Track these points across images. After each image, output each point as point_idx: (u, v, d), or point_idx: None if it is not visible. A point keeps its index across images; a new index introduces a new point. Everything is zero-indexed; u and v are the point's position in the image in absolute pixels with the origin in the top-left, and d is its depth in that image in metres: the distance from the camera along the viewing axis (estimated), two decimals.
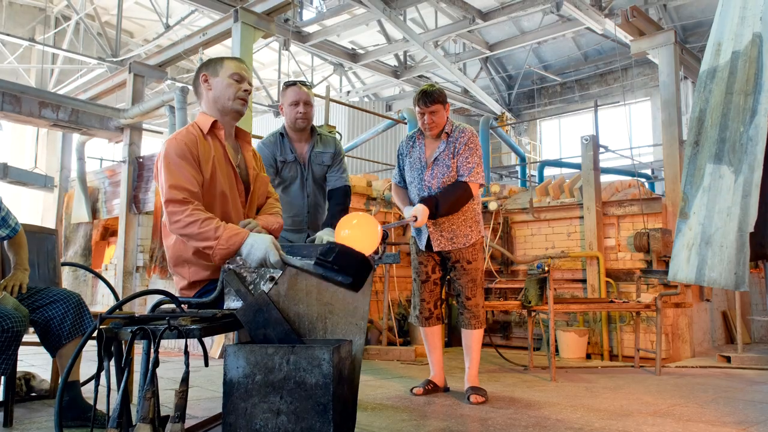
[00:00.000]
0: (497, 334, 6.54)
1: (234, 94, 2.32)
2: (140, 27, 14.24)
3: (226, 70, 2.34)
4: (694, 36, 12.69)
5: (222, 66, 2.35)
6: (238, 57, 2.47)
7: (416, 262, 3.65)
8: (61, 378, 1.80)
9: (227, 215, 2.24)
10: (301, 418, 1.66)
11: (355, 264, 1.88)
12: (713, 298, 6.38)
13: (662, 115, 6.22)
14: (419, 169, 3.54)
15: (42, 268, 3.30)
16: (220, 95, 2.32)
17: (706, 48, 2.42)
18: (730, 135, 2.11)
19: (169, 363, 4.11)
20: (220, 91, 2.33)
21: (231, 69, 2.34)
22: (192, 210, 2.05)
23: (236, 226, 2.08)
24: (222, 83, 2.32)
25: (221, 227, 2.02)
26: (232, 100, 2.32)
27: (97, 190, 7.79)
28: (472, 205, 3.55)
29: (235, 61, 2.38)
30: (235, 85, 2.32)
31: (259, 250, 1.96)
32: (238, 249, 1.99)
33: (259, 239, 1.99)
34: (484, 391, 3.37)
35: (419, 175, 3.53)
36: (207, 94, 2.35)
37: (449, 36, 11.50)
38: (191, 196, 2.08)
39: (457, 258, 3.51)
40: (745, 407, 3.27)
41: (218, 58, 2.39)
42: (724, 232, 2.05)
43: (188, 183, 2.10)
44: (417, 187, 3.54)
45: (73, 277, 7.80)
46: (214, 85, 2.33)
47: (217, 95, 2.33)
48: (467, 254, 3.51)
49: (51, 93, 7.66)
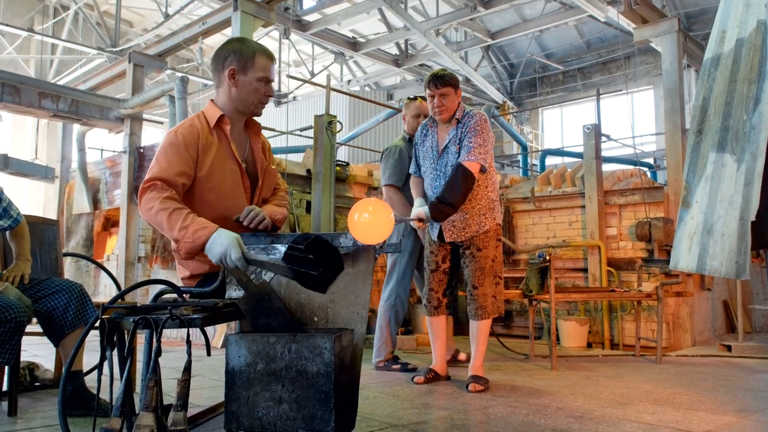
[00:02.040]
0: (498, 323, 6.56)
1: (259, 99, 2.25)
2: (139, 16, 14.18)
3: (256, 70, 2.21)
4: (698, 24, 12.62)
5: (253, 64, 2.21)
6: (267, 50, 2.28)
7: (428, 251, 3.62)
8: (65, 368, 1.81)
9: (229, 210, 2.19)
10: (303, 406, 1.66)
11: (329, 258, 1.76)
12: (714, 287, 6.39)
13: (665, 104, 6.20)
14: (432, 158, 3.49)
15: (44, 258, 3.31)
16: (245, 97, 2.24)
17: (710, 36, 2.40)
18: (734, 123, 2.09)
19: (171, 352, 4.13)
20: (246, 93, 2.24)
21: (261, 71, 2.22)
22: (167, 198, 2.00)
23: (206, 221, 1.98)
24: (250, 86, 2.22)
25: (189, 219, 1.96)
26: (256, 104, 2.26)
27: (98, 181, 7.79)
28: (485, 193, 3.46)
29: (266, 57, 2.24)
30: (263, 89, 2.24)
31: (220, 245, 1.87)
32: (203, 243, 1.92)
33: (223, 235, 1.90)
34: (486, 380, 3.37)
35: (432, 164, 3.49)
36: (230, 90, 2.24)
37: (450, 24, 11.44)
38: (169, 186, 2.04)
39: (468, 245, 3.46)
40: (744, 396, 3.28)
41: (250, 51, 2.22)
42: (726, 221, 2.05)
43: (171, 174, 2.05)
44: (431, 176, 3.50)
45: (75, 267, 7.83)
46: (240, 83, 2.22)
47: (242, 96, 2.24)
48: (478, 241, 3.43)
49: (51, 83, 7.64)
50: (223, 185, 2.20)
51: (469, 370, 3.49)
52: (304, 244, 1.70)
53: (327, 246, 1.75)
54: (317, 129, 6.00)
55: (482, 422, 2.61)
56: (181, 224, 1.95)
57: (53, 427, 2.41)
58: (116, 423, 1.64)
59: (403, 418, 2.65)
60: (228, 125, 2.25)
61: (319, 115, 6.05)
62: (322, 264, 1.72)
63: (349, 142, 9.40)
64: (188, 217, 1.97)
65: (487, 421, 2.62)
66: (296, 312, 1.94)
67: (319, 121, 6.00)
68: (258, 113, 2.32)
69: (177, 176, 2.08)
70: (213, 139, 2.21)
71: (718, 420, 2.68)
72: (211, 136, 2.21)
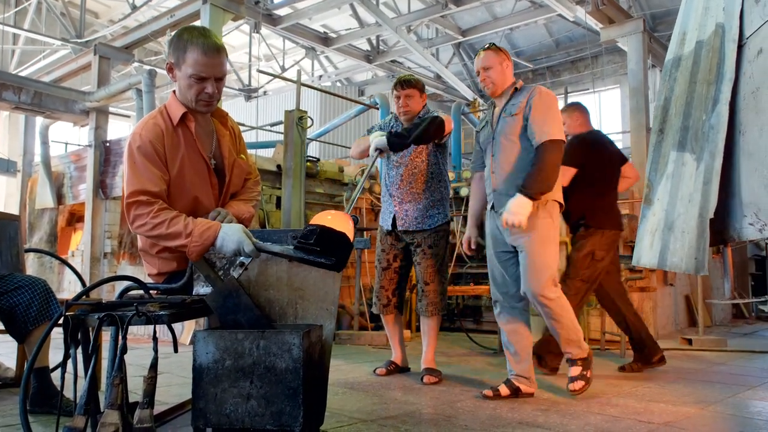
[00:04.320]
0: (468, 319, 6.62)
1: (195, 96, 2.09)
2: (105, 7, 13.84)
3: (187, 65, 2.04)
4: (662, 24, 12.87)
5: (184, 59, 2.04)
6: (207, 40, 2.04)
7: (379, 249, 3.75)
8: (27, 364, 1.77)
9: (198, 210, 2.15)
10: (272, 402, 1.66)
11: (337, 243, 1.85)
12: (676, 283, 6.56)
13: (630, 103, 6.34)
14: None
15: (5, 255, 3.22)
16: (184, 93, 2.12)
17: (671, 37, 2.46)
18: (693, 123, 2.15)
19: (138, 350, 4.07)
20: (182, 87, 2.11)
21: (191, 66, 2.03)
22: (157, 211, 1.97)
23: (206, 220, 2.01)
24: (183, 81, 2.08)
25: (190, 223, 1.96)
26: (194, 101, 2.11)
27: (62, 175, 7.61)
28: (440, 187, 3.65)
29: (199, 52, 2.02)
30: (196, 86, 2.07)
31: (232, 241, 1.92)
32: (212, 243, 1.94)
33: (231, 230, 1.93)
34: (438, 372, 3.53)
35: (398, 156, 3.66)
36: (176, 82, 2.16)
37: (422, 21, 11.46)
38: (155, 197, 2.01)
39: (419, 242, 3.59)
40: (704, 387, 3.39)
41: (183, 42, 2.05)
42: (686, 218, 2.11)
43: (152, 184, 2.01)
44: (388, 165, 3.69)
45: (39, 263, 7.64)
46: (177, 77, 2.11)
47: (182, 91, 2.13)
48: (429, 239, 3.59)
49: (12, 75, 7.44)
50: (192, 186, 2.14)
51: (422, 363, 3.62)
52: (313, 239, 1.79)
53: (333, 233, 1.83)
54: (288, 124, 5.96)
55: (450, 416, 2.64)
56: (184, 231, 1.94)
57: (15, 426, 2.37)
58: (80, 421, 1.61)
59: (372, 413, 2.66)
60: (192, 122, 2.16)
61: (289, 111, 6.01)
62: (334, 251, 1.82)
63: (319, 137, 9.34)
64: (187, 223, 1.96)
65: (455, 415, 2.65)
66: (265, 308, 1.93)
67: (289, 117, 5.96)
68: (202, 111, 2.17)
69: (157, 184, 2.03)
70: (177, 137, 2.13)
71: (678, 411, 2.77)
72: (175, 134, 2.13)
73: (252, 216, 2.35)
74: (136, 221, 2.00)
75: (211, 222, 2.00)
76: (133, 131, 2.11)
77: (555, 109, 3.04)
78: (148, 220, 1.97)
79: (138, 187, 2.00)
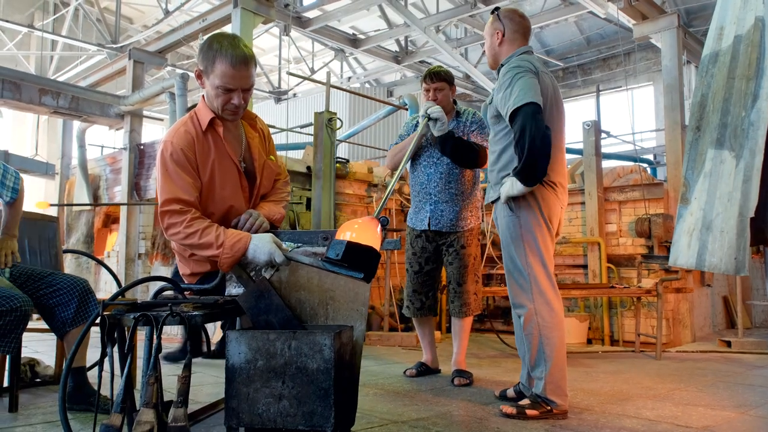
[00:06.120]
0: (498, 320, 6.57)
1: (221, 106, 2.13)
2: (139, 13, 14.14)
3: (214, 77, 2.08)
4: (698, 20, 12.58)
5: (213, 69, 2.07)
6: (235, 51, 2.05)
7: (410, 252, 3.70)
8: (65, 364, 1.82)
9: (230, 213, 2.19)
10: (303, 402, 1.67)
11: (364, 258, 1.89)
12: (714, 284, 6.39)
13: (665, 100, 6.19)
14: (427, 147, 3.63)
15: (44, 255, 3.31)
16: (211, 100, 2.16)
17: (708, 32, 2.40)
18: (732, 120, 2.09)
19: (171, 349, 4.14)
20: (210, 96, 2.16)
21: (218, 79, 2.06)
22: (190, 220, 2.01)
23: (237, 231, 2.04)
24: (211, 90, 2.12)
25: (221, 234, 1.99)
26: (221, 110, 2.15)
27: (99, 177, 7.79)
28: (475, 190, 3.64)
29: (227, 63, 2.04)
30: (223, 96, 2.10)
31: (263, 252, 1.95)
32: (243, 254, 1.98)
33: (262, 241, 1.96)
34: (470, 374, 3.48)
35: (427, 153, 3.62)
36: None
37: (450, 21, 11.39)
38: (188, 206, 2.04)
39: (452, 242, 3.56)
40: (744, 391, 3.29)
41: (213, 53, 2.06)
42: (725, 217, 2.05)
43: (184, 192, 2.05)
44: (424, 164, 3.62)
45: (76, 264, 7.83)
46: (206, 85, 2.14)
47: (209, 99, 2.17)
48: (462, 239, 3.55)
49: (51, 80, 7.64)
50: (223, 189, 2.18)
51: (452, 364, 3.58)
52: (341, 256, 1.85)
53: (359, 247, 1.88)
54: (317, 126, 5.99)
55: (482, 418, 2.62)
56: (215, 243, 1.98)
57: (54, 423, 2.42)
58: (117, 419, 1.65)
59: (402, 415, 2.66)
60: (221, 127, 2.18)
61: (319, 112, 6.04)
62: (362, 266, 1.88)
63: (349, 139, 9.37)
64: (219, 234, 1.99)
65: (486, 417, 2.63)
66: (296, 309, 1.94)
67: (319, 118, 5.99)
68: (227, 119, 2.19)
69: (190, 192, 2.07)
70: (207, 143, 2.16)
71: (718, 415, 2.69)
72: (205, 140, 2.16)
73: (282, 217, 2.38)
74: (170, 229, 2.05)
75: (241, 233, 2.02)
76: (164, 139, 2.15)
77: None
78: (181, 230, 2.01)
79: (171, 195, 2.04)
